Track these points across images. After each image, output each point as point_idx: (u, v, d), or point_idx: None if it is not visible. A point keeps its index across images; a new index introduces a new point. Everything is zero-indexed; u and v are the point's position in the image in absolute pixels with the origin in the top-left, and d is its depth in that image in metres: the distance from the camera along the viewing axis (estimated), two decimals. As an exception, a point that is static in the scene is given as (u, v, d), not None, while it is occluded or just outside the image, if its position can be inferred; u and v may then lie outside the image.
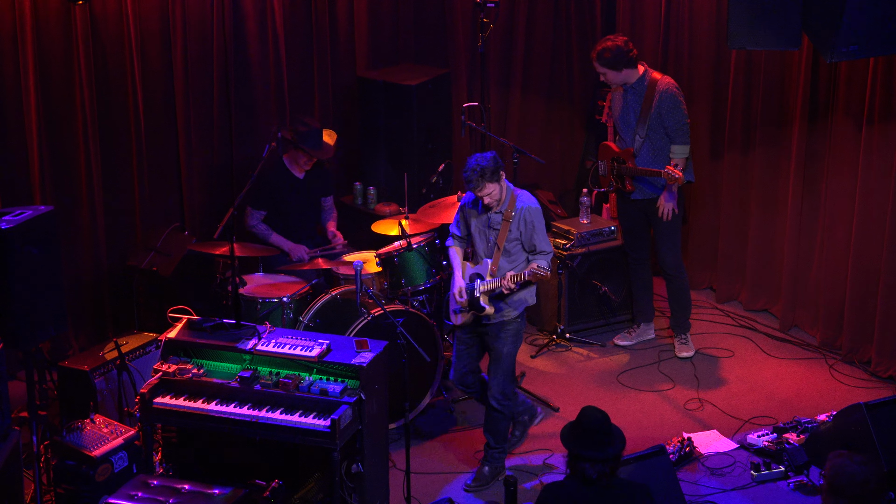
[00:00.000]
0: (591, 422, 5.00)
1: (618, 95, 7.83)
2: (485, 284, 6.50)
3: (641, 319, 8.29)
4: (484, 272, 6.53)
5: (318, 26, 8.56)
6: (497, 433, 6.71)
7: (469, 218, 6.65)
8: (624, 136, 7.81)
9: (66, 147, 7.74)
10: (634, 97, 7.69)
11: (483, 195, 6.45)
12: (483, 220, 6.58)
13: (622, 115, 7.77)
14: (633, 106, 7.69)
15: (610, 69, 7.63)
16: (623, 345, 8.23)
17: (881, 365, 7.74)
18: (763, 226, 8.59)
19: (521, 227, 6.52)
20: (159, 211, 8.16)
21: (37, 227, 5.79)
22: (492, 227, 6.54)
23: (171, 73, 8.05)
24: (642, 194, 7.82)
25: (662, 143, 7.66)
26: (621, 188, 7.88)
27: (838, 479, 4.90)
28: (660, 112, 7.61)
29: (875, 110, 7.55)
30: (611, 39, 7.64)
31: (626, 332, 8.31)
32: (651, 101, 7.61)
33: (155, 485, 5.68)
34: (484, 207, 6.54)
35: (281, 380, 6.02)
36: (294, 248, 7.71)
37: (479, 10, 8.29)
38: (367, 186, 8.52)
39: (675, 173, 7.41)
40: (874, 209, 7.68)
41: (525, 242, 6.54)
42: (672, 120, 7.61)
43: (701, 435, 7.09)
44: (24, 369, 6.15)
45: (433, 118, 8.53)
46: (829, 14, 6.21)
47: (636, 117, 7.67)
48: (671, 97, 7.60)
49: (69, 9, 7.53)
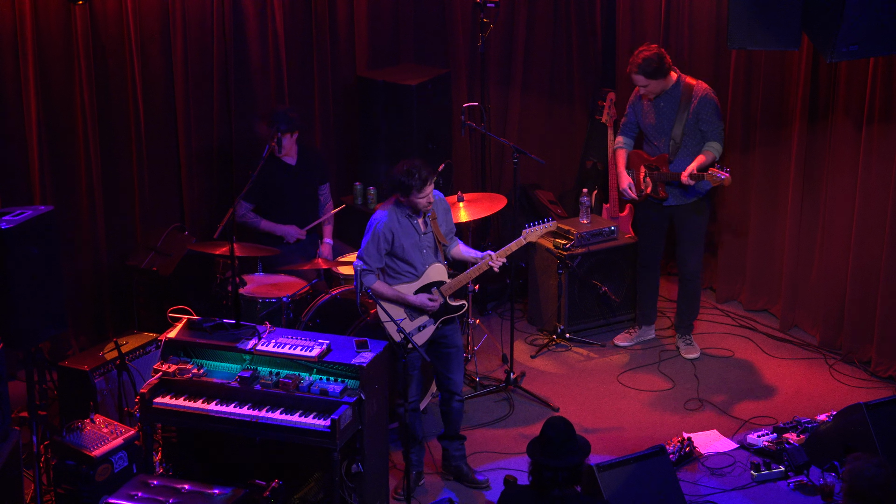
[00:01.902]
0: (552, 430, 4.98)
1: (645, 102, 7.75)
2: (454, 281, 6.52)
3: (643, 322, 8.29)
4: (441, 276, 6.53)
5: (318, 26, 8.55)
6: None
7: (397, 244, 6.38)
8: (656, 143, 7.74)
9: (66, 147, 7.74)
10: (669, 103, 7.63)
11: (428, 197, 6.35)
12: (413, 234, 6.42)
13: (657, 122, 7.69)
14: (667, 112, 7.64)
15: (653, 79, 7.54)
16: (623, 345, 8.23)
17: (881, 365, 7.74)
18: (763, 226, 8.59)
19: (445, 214, 6.57)
20: (159, 211, 8.15)
21: (37, 227, 5.79)
22: (425, 233, 6.48)
23: (171, 73, 8.05)
24: (676, 200, 7.77)
25: (697, 148, 7.62)
26: (653, 195, 7.79)
27: (858, 483, 4.88)
28: (698, 117, 7.57)
29: (875, 110, 7.55)
30: (647, 50, 7.55)
31: (626, 333, 8.31)
32: (688, 106, 7.57)
33: (155, 485, 5.68)
34: (408, 221, 6.39)
35: (281, 380, 6.02)
36: (285, 230, 7.75)
37: (479, 10, 8.29)
38: (367, 186, 8.52)
39: (719, 174, 7.35)
40: (874, 209, 7.68)
41: (448, 223, 6.60)
42: (711, 125, 7.59)
43: (701, 435, 7.08)
44: (24, 369, 6.15)
45: (433, 118, 8.53)
46: (829, 14, 6.22)
47: (671, 123, 7.63)
48: (711, 102, 7.59)
49: (69, 9, 7.52)
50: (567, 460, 4.89)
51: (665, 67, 7.56)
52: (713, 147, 7.60)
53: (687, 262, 7.97)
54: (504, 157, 9.24)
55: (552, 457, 4.89)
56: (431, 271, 6.51)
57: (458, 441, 6.75)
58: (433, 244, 6.51)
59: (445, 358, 6.63)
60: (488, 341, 8.15)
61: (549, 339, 8.35)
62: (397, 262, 6.45)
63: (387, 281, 6.45)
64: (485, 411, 7.44)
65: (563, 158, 9.61)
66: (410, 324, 6.48)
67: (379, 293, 6.38)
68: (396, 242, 6.39)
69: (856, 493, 4.89)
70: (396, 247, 6.40)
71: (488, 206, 7.68)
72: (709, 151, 7.59)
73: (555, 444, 4.92)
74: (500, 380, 7.74)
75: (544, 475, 4.89)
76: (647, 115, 7.77)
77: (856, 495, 4.89)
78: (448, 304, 6.56)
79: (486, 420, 7.36)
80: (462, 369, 6.73)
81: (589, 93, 9.54)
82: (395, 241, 6.38)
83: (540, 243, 8.28)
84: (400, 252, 6.42)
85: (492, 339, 8.11)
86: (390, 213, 6.39)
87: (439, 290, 6.52)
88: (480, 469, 6.81)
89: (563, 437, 4.95)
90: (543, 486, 4.91)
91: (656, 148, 7.76)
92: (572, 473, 4.90)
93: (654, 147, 7.78)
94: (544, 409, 7.48)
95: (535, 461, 4.94)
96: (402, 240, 6.40)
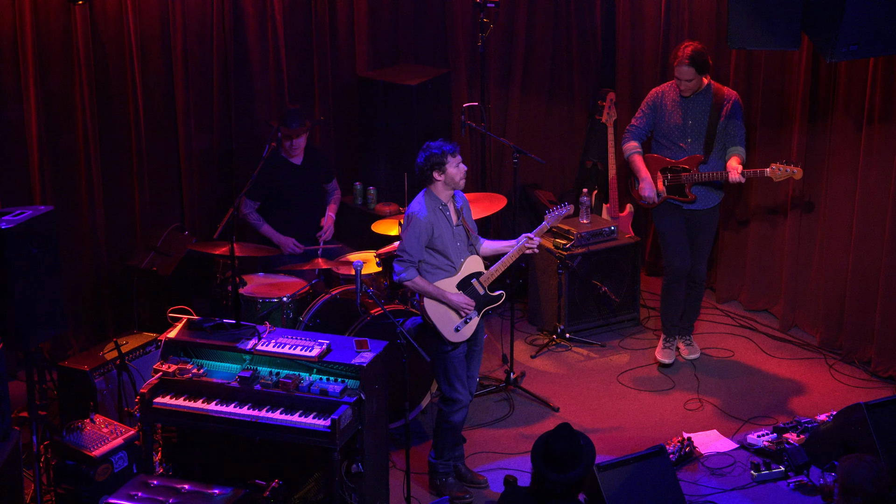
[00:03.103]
0: (557, 443, 4.93)
1: (669, 103, 7.61)
2: (492, 270, 6.53)
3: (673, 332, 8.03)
4: (478, 267, 6.53)
5: (318, 26, 8.56)
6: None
7: (437, 235, 6.38)
8: (682, 144, 7.59)
9: (66, 147, 7.74)
10: (701, 105, 7.52)
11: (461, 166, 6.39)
12: (448, 226, 6.43)
13: (686, 123, 7.56)
14: (699, 113, 7.53)
15: (699, 73, 7.43)
16: (668, 362, 7.94)
17: (881, 365, 7.74)
18: (763, 226, 8.59)
19: (468, 213, 6.61)
20: (159, 211, 8.16)
21: (37, 227, 5.79)
22: (457, 224, 6.49)
23: (171, 73, 8.05)
24: (702, 204, 7.65)
25: (722, 152, 7.57)
26: (677, 199, 7.66)
27: (851, 480, 4.91)
28: (728, 121, 7.51)
29: (875, 110, 7.55)
30: (694, 44, 7.45)
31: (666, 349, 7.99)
32: (720, 109, 7.49)
33: (155, 485, 5.68)
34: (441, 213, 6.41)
35: (281, 380, 6.02)
36: (283, 240, 7.74)
37: (479, 10, 8.30)
38: (367, 186, 8.52)
39: (788, 168, 7.34)
40: (874, 209, 7.68)
41: (471, 222, 6.62)
42: (740, 129, 7.53)
43: (701, 435, 7.08)
44: (24, 369, 6.15)
45: (433, 118, 8.53)
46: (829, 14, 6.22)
47: (704, 124, 7.53)
48: (741, 108, 7.57)
49: (69, 9, 7.53)
50: (568, 476, 4.86)
51: (709, 65, 7.51)
52: (739, 151, 7.54)
53: (700, 267, 7.85)
54: (504, 157, 9.24)
55: (554, 470, 4.86)
56: (469, 263, 6.51)
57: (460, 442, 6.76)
58: (465, 237, 6.52)
59: (472, 356, 6.65)
60: (488, 341, 8.11)
61: (549, 339, 8.35)
62: (436, 256, 6.43)
63: (425, 278, 6.44)
64: (485, 411, 7.44)
65: (563, 158, 9.61)
66: (458, 317, 6.48)
67: (420, 288, 6.38)
68: (436, 233, 6.38)
69: (849, 490, 4.92)
70: (436, 238, 6.38)
71: (488, 206, 7.67)
72: (738, 155, 7.52)
73: (558, 459, 4.88)
74: (500, 380, 7.74)
75: (544, 486, 4.88)
76: (671, 116, 7.61)
77: (849, 492, 4.92)
78: (489, 295, 6.56)
79: (485, 420, 7.36)
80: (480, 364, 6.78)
81: (589, 93, 9.54)
82: (434, 232, 6.38)
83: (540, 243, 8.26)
84: (440, 244, 6.39)
85: (492, 339, 8.10)
86: (426, 205, 6.38)
87: (479, 281, 6.52)
88: (480, 469, 6.82)
89: (567, 451, 4.90)
90: (543, 496, 4.89)
91: (682, 150, 7.60)
92: (572, 486, 4.88)
93: (680, 149, 7.60)
94: (544, 409, 7.48)
95: (537, 471, 4.91)
96: (440, 230, 6.39)
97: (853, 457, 5.02)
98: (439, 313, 6.40)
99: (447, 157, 6.33)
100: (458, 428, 6.58)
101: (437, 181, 6.37)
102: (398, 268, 6.37)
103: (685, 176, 7.59)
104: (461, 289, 6.47)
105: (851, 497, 4.92)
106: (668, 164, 7.64)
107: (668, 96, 7.63)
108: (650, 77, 9.10)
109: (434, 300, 6.39)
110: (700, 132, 7.55)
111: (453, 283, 6.46)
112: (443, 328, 6.42)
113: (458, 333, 6.46)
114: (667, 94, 7.65)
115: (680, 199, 7.66)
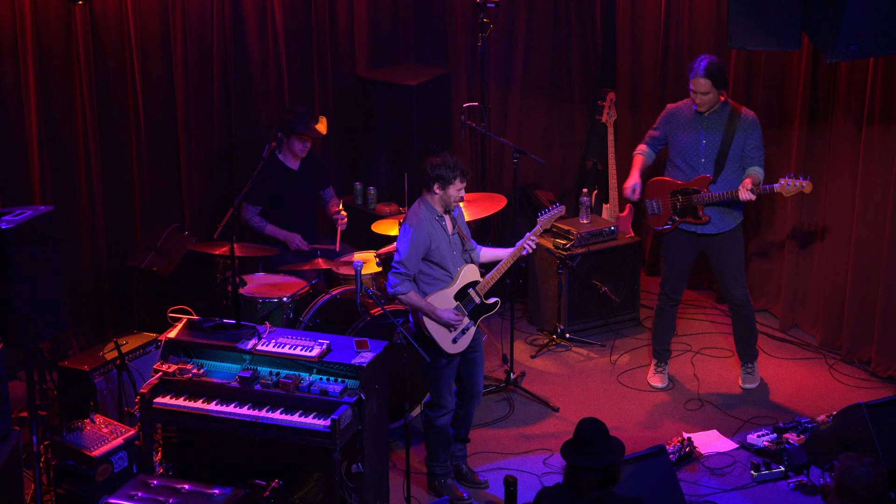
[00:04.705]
0: (586, 432, 4.94)
1: (682, 120, 7.34)
2: (488, 278, 6.51)
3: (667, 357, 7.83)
4: (474, 276, 6.51)
5: (318, 26, 8.56)
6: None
7: (434, 247, 6.33)
8: (693, 164, 7.30)
9: (66, 147, 7.74)
10: (716, 123, 7.23)
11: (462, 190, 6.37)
12: (445, 233, 6.40)
13: (699, 141, 7.26)
14: (714, 132, 7.23)
15: (715, 87, 7.14)
16: (661, 387, 7.74)
17: (881, 365, 7.74)
18: (763, 226, 8.59)
19: (462, 220, 6.59)
20: (159, 211, 8.16)
21: (37, 227, 5.79)
22: (452, 234, 6.46)
23: (171, 73, 8.05)
24: (718, 227, 7.32)
25: (738, 173, 7.25)
26: (692, 221, 7.36)
27: (846, 481, 4.91)
28: (745, 141, 7.21)
29: (875, 110, 7.55)
30: (710, 56, 7.19)
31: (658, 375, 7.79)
32: (734, 128, 7.21)
33: (155, 485, 5.68)
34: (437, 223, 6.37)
35: (281, 380, 6.02)
36: (288, 236, 7.74)
37: (479, 10, 8.30)
38: (367, 186, 8.52)
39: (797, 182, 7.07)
40: (874, 209, 7.68)
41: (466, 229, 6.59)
42: (758, 150, 7.23)
43: (701, 435, 7.08)
44: (24, 369, 6.14)
45: (433, 118, 8.53)
46: (829, 14, 6.22)
47: (718, 143, 7.23)
48: (759, 128, 7.26)
49: (69, 9, 7.53)
50: (604, 460, 4.85)
51: (726, 80, 7.25)
52: (757, 171, 7.22)
53: (734, 290, 7.47)
54: (504, 157, 9.24)
55: (589, 458, 4.85)
56: (465, 273, 6.47)
57: (462, 443, 6.76)
58: (461, 245, 6.51)
59: (473, 362, 6.61)
60: (488, 341, 8.13)
61: (549, 339, 8.35)
62: (433, 268, 6.39)
63: (422, 289, 6.38)
64: (485, 411, 7.43)
65: (563, 158, 9.62)
66: (454, 329, 6.45)
67: (413, 304, 6.34)
68: (433, 245, 6.34)
69: (844, 490, 4.91)
70: (433, 249, 6.34)
71: (488, 207, 7.66)
72: (754, 174, 7.20)
73: (590, 445, 4.89)
74: (500, 380, 7.74)
75: (582, 477, 4.85)
76: (684, 132, 7.32)
77: (844, 493, 4.91)
78: (484, 304, 6.55)
79: (486, 420, 7.35)
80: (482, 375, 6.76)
81: (589, 93, 9.55)
82: (432, 245, 6.35)
83: (540, 243, 8.26)
84: (437, 256, 6.35)
85: (492, 339, 8.10)
86: (423, 216, 6.34)
87: (475, 290, 6.51)
88: (480, 469, 6.82)
89: (598, 437, 4.91)
90: (581, 488, 4.87)
91: (692, 170, 7.29)
92: (609, 474, 4.87)
93: (691, 169, 7.30)
94: (544, 409, 7.48)
95: (571, 464, 4.89)
96: (438, 242, 6.36)
97: (854, 456, 5.00)
98: (437, 326, 6.38)
99: (455, 178, 6.30)
100: (446, 429, 6.57)
101: (436, 194, 6.34)
102: (394, 280, 6.31)
103: (696, 197, 7.29)
104: (459, 299, 6.46)
105: (845, 498, 4.91)
106: (677, 187, 7.37)
107: (683, 112, 7.37)
108: (650, 77, 9.12)
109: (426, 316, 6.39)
110: (713, 151, 7.27)
111: (451, 293, 6.44)
112: (441, 341, 6.40)
113: (456, 345, 6.44)
114: (682, 109, 7.39)
115: (694, 222, 7.36)
